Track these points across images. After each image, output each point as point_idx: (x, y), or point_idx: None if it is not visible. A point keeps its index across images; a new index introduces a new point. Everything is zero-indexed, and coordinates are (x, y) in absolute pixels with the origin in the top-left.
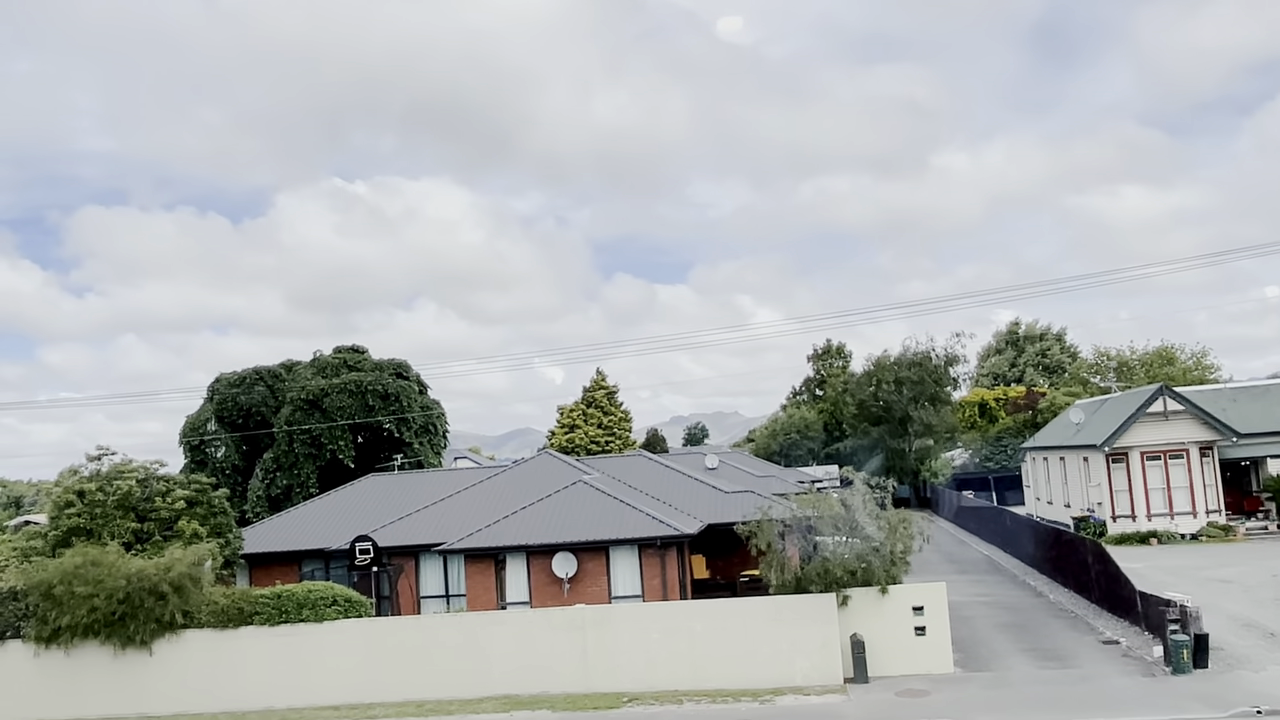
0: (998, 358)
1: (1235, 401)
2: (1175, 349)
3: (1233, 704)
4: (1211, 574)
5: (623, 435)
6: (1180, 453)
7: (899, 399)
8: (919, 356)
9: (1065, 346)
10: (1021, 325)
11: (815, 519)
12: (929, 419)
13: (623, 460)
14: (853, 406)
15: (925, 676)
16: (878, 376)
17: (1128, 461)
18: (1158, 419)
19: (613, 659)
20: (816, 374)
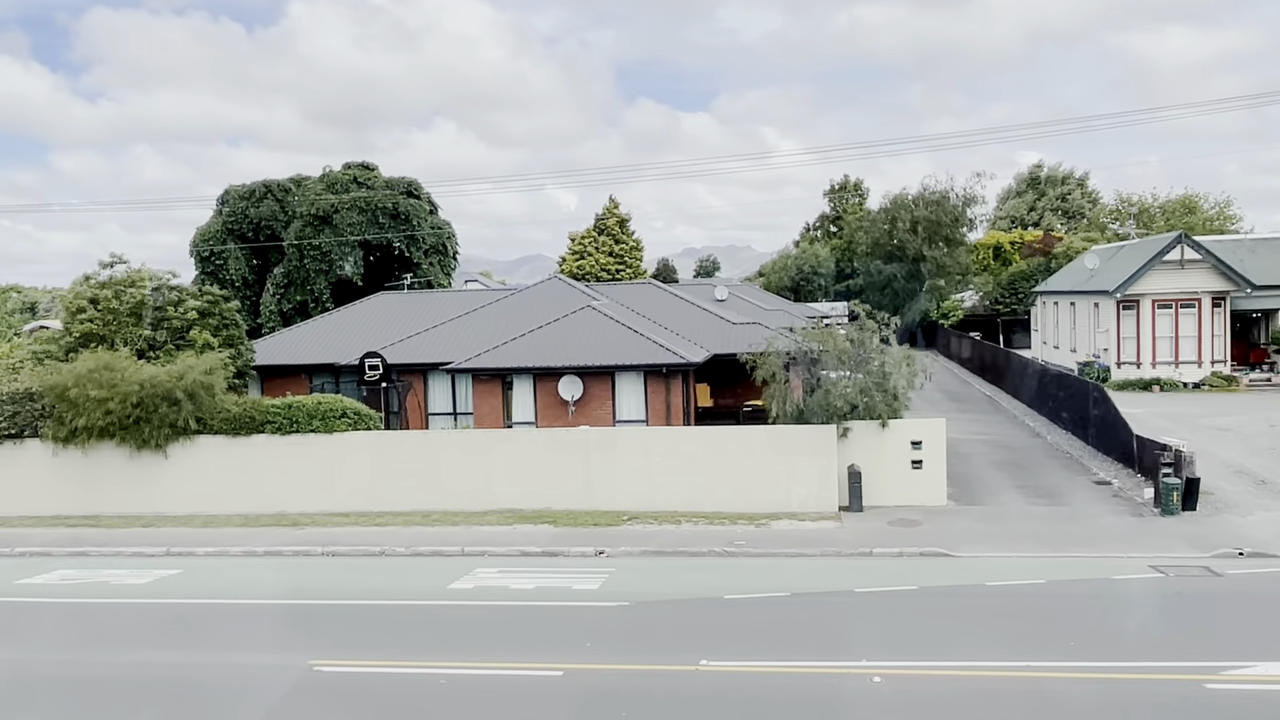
0: (1017, 200)
1: (1254, 253)
2: (1199, 198)
3: (1216, 545)
4: (1210, 422)
5: (634, 264)
6: (1192, 302)
7: (914, 238)
8: (937, 196)
9: (1087, 191)
10: (1044, 168)
11: (820, 353)
12: (942, 259)
13: (632, 288)
14: (866, 244)
15: (919, 508)
16: (894, 214)
17: (1138, 309)
18: (1173, 267)
19: (614, 480)
20: (833, 210)
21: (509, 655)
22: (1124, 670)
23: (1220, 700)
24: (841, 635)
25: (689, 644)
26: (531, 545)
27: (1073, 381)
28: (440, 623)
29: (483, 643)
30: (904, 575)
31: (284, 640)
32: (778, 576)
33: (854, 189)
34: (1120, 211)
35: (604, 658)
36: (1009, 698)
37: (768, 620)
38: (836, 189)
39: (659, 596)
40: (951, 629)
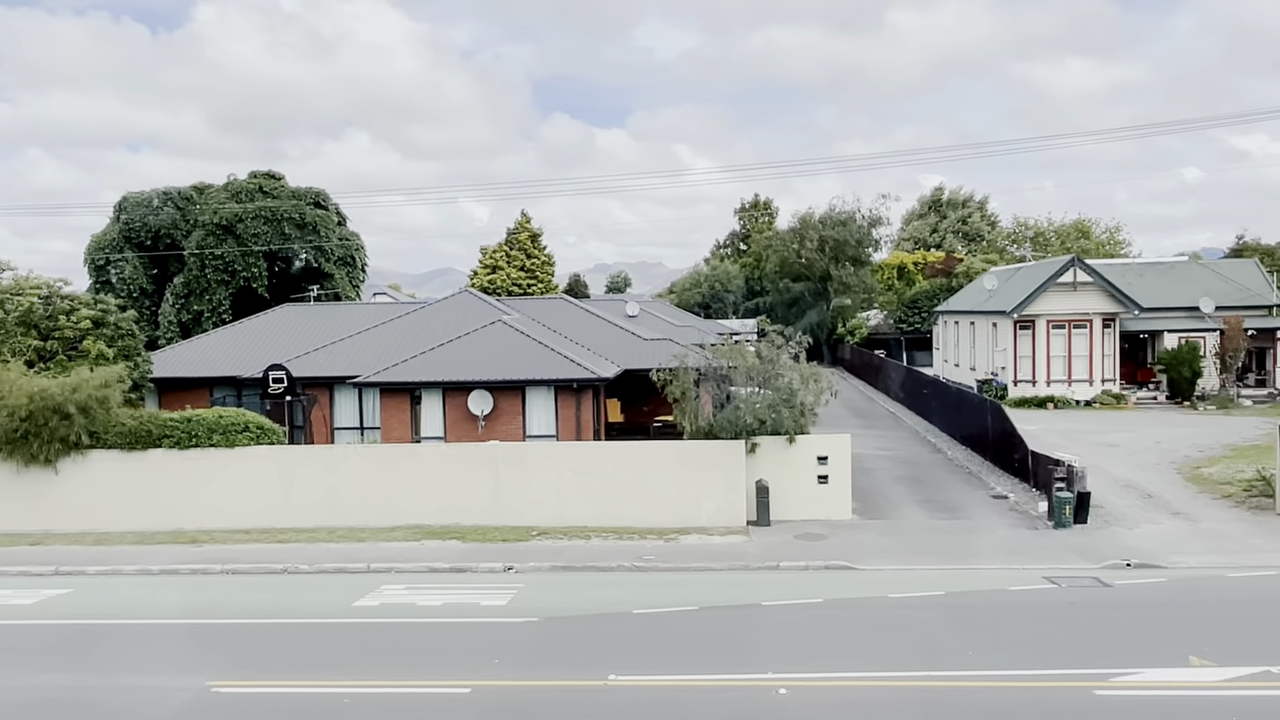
0: (920, 222)
1: (1141, 276)
2: (1092, 223)
3: (1106, 557)
4: (1100, 438)
5: (545, 279)
6: (1084, 323)
7: (821, 257)
8: (844, 216)
9: (986, 215)
10: (946, 191)
11: (730, 369)
12: (848, 278)
13: (544, 303)
14: (775, 262)
15: (825, 522)
16: (802, 234)
17: (1034, 328)
18: (1066, 289)
19: (524, 495)
20: (743, 228)
21: (415, 673)
22: (1019, 679)
23: (1108, 706)
24: (749, 648)
25: (598, 659)
26: (439, 561)
27: (972, 398)
28: (344, 641)
29: (388, 661)
30: (810, 588)
31: (180, 661)
32: (686, 591)
33: (764, 208)
34: (1018, 234)
35: (512, 674)
36: (909, 707)
37: (676, 634)
38: (747, 207)
39: (568, 612)
40: (855, 640)
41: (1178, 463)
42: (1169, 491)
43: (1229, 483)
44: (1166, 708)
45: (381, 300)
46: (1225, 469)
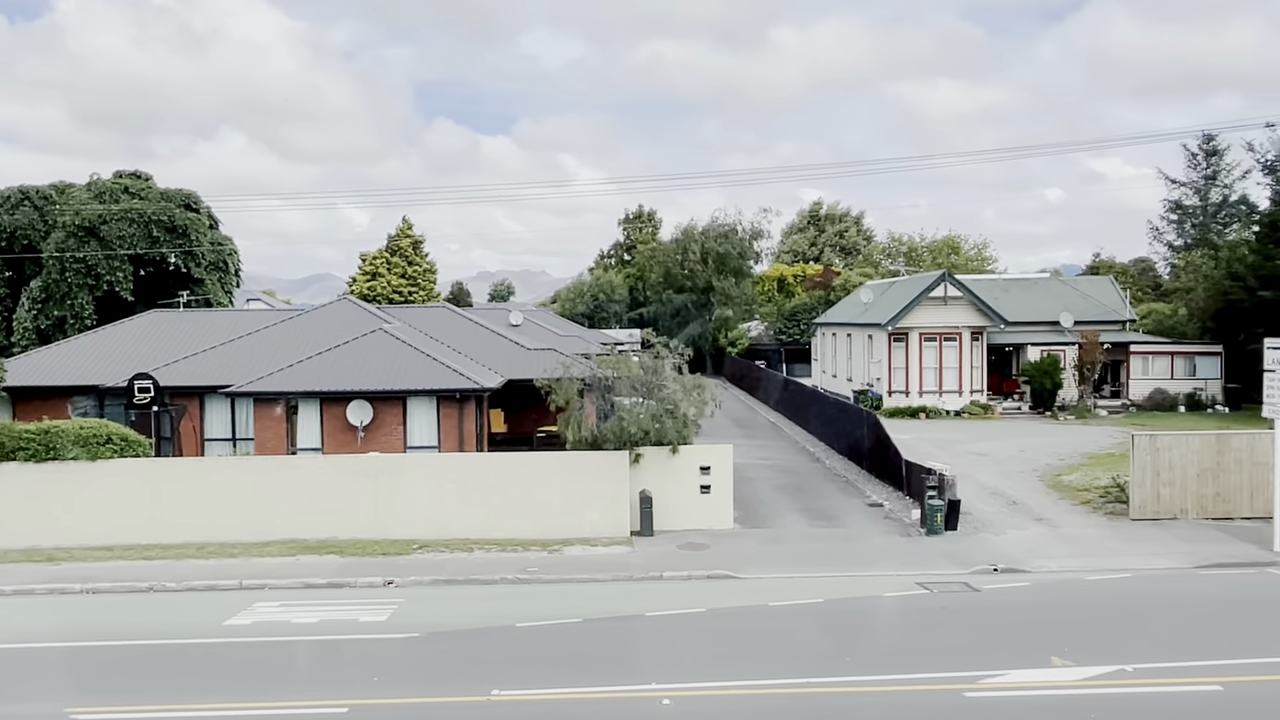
0: (799, 235)
1: (1007, 292)
2: (961, 239)
3: (975, 562)
4: (969, 447)
5: (427, 287)
6: (954, 335)
7: (703, 269)
8: (726, 229)
9: (862, 230)
10: (824, 206)
11: (615, 379)
12: (730, 290)
13: (425, 311)
14: (659, 273)
15: (707, 532)
16: (685, 245)
17: (907, 341)
18: (938, 303)
19: (405, 507)
20: (627, 239)
21: (290, 693)
22: (894, 683)
23: (976, 707)
24: (632, 659)
25: (480, 674)
26: (316, 577)
27: (849, 409)
28: (215, 662)
29: (262, 681)
30: (693, 598)
31: (35, 687)
32: (570, 602)
33: (648, 219)
34: (892, 249)
35: (392, 691)
36: (789, 714)
37: (560, 647)
38: (631, 218)
39: (450, 626)
40: (737, 649)
41: (1040, 471)
42: (1032, 498)
43: (1087, 489)
44: (1031, 707)
45: (256, 307)
46: (1084, 476)
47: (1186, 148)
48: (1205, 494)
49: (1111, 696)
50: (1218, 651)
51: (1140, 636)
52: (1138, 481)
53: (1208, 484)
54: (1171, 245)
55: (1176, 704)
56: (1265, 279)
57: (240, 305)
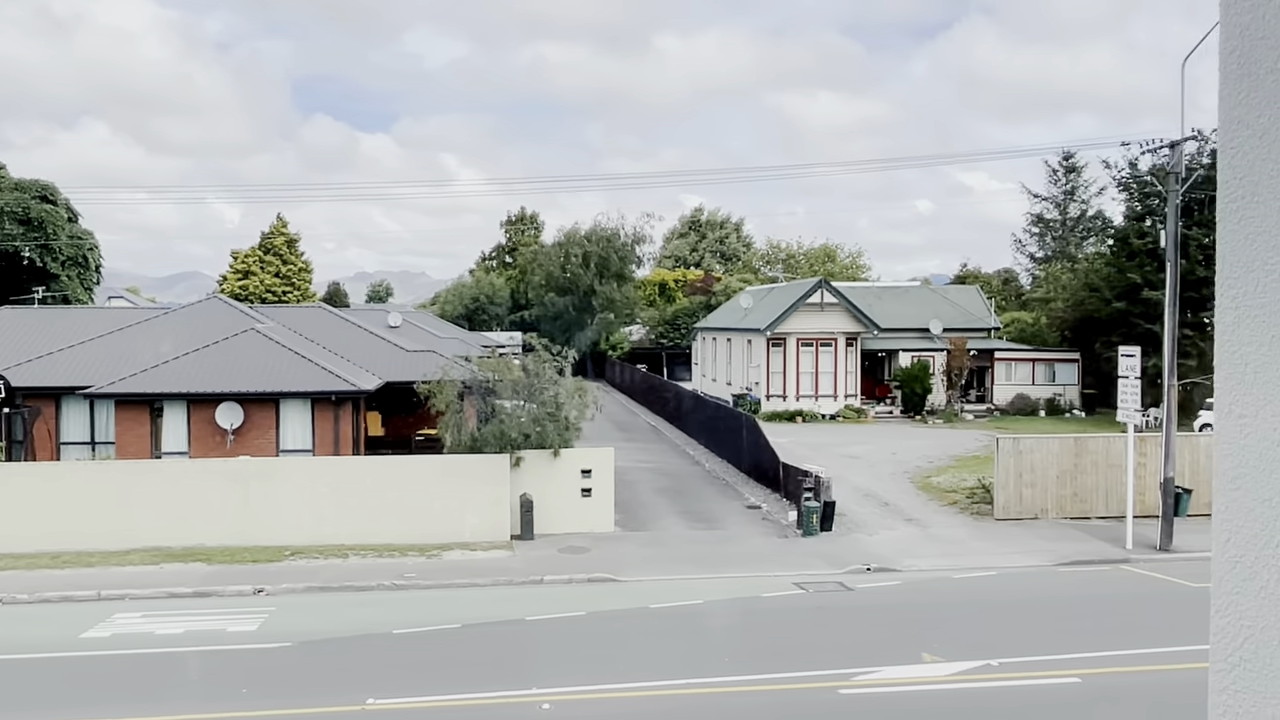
0: (680, 241)
1: (880, 299)
2: (837, 247)
3: (848, 562)
4: (843, 450)
5: (302, 287)
6: (830, 341)
7: (585, 273)
8: (609, 233)
9: (742, 236)
10: (705, 212)
11: (496, 382)
12: (612, 294)
13: (300, 311)
14: (541, 276)
15: (588, 535)
16: (568, 249)
17: (785, 346)
18: (815, 309)
19: (277, 513)
20: (509, 241)
21: (152, 708)
22: (769, 682)
23: (851, 704)
24: (512, 664)
25: (356, 683)
26: (181, 586)
27: (728, 412)
28: (70, 676)
29: (121, 696)
30: (574, 601)
31: None
32: (449, 608)
33: (530, 221)
34: (771, 256)
35: (262, 703)
36: (669, 715)
37: (439, 653)
38: (514, 220)
39: (324, 635)
40: (618, 652)
41: (911, 473)
42: (903, 500)
43: (955, 491)
44: (903, 703)
45: (118, 305)
46: (951, 478)
47: (1048, 164)
48: (1064, 495)
49: (979, 690)
50: (1076, 645)
51: (1005, 632)
52: (1002, 483)
53: (1066, 485)
54: (1033, 257)
55: (1039, 696)
56: (1119, 291)
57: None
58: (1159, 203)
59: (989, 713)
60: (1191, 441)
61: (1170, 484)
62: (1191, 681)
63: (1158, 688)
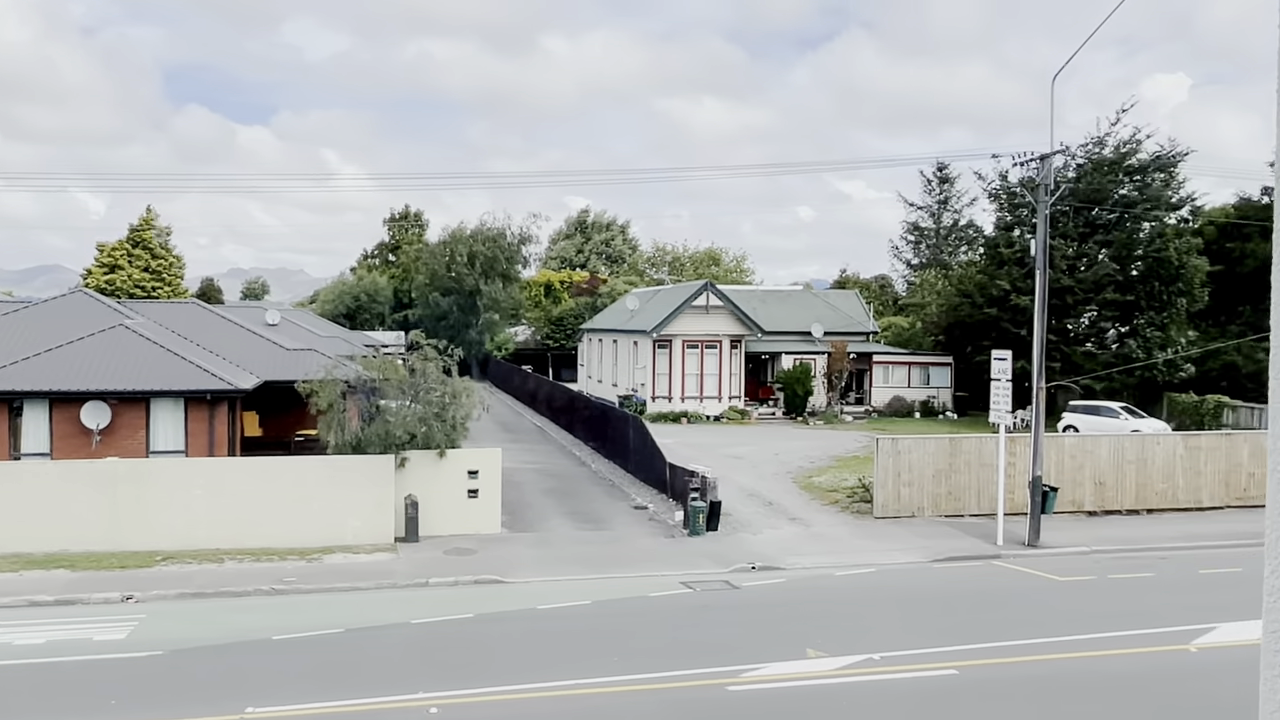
0: (566, 242)
1: (764, 303)
2: (721, 251)
3: (734, 561)
4: (728, 451)
5: (174, 282)
6: (715, 343)
7: (471, 272)
8: (494, 233)
9: (628, 239)
10: (591, 214)
11: (381, 382)
12: (497, 294)
13: (173, 308)
14: (425, 275)
15: (475, 536)
16: (452, 248)
17: (671, 348)
18: (700, 312)
19: (148, 516)
20: (392, 239)
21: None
22: (658, 680)
23: (739, 700)
24: (398, 668)
25: (233, 691)
26: (42, 594)
27: (614, 413)
28: None
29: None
30: (460, 604)
31: None
32: (331, 612)
33: (414, 219)
34: (657, 259)
35: (132, 714)
36: (557, 716)
37: (321, 659)
38: (397, 218)
39: (199, 642)
40: (506, 654)
41: (793, 473)
42: (787, 499)
43: (836, 490)
44: (789, 698)
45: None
46: (832, 478)
47: (923, 174)
48: (940, 493)
49: (862, 684)
50: (953, 638)
51: (885, 627)
52: (881, 482)
53: (942, 484)
54: (909, 263)
55: (919, 688)
56: (990, 297)
57: None
58: (1027, 213)
59: (873, 706)
60: (1058, 442)
61: (1038, 482)
62: (1063, 671)
63: (1032, 678)
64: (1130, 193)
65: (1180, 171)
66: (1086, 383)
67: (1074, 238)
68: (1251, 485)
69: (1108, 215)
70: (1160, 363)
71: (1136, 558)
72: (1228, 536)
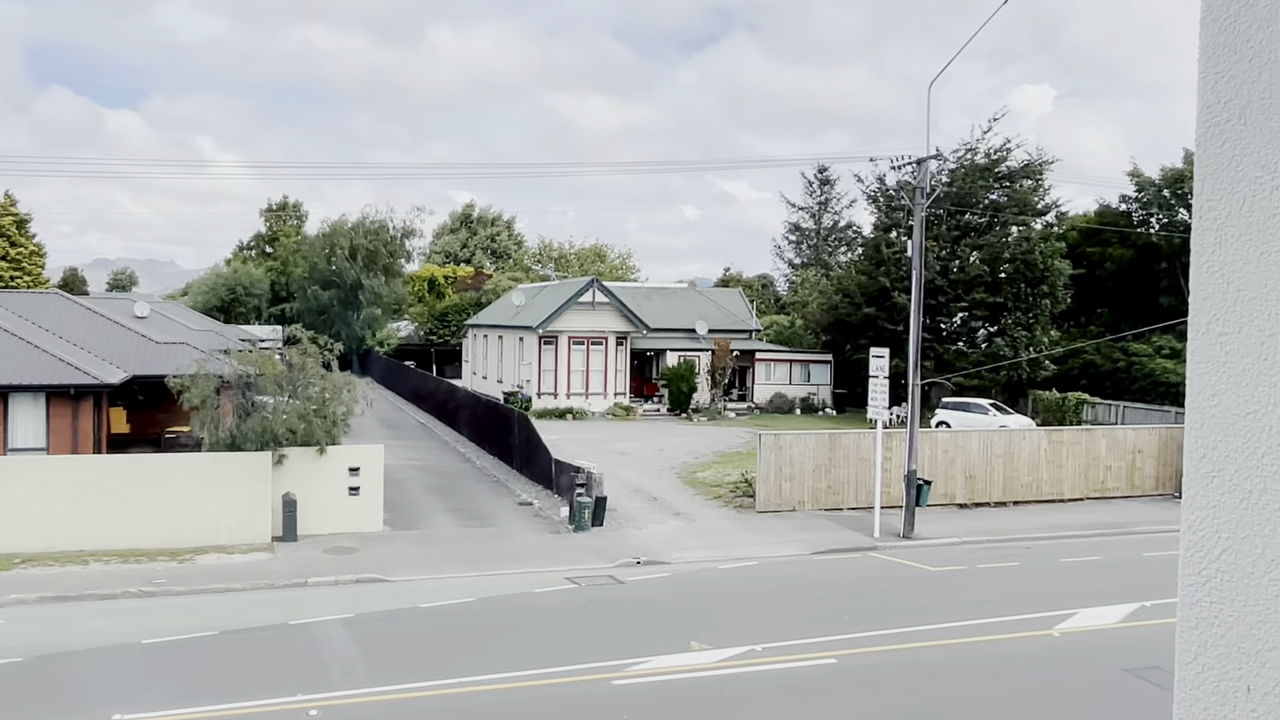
0: (451, 237)
1: (649, 300)
2: (607, 248)
3: (619, 556)
4: (614, 446)
5: (33, 272)
6: (601, 340)
7: (352, 265)
8: (377, 225)
9: (514, 234)
10: (476, 208)
11: (257, 377)
12: (380, 288)
13: (33, 298)
14: (305, 268)
15: (356, 534)
16: (333, 240)
17: (557, 344)
18: (586, 308)
19: (6, 517)
20: (270, 230)
21: None
22: (544, 676)
23: (624, 694)
24: (275, 671)
25: (100, 698)
26: None
27: (499, 410)
28: None
29: None
30: (340, 603)
31: None
32: (204, 615)
33: (293, 210)
34: (543, 255)
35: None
36: (438, 714)
37: (194, 662)
38: (275, 209)
39: (61, 648)
40: (387, 654)
41: (678, 468)
42: (671, 494)
43: (719, 485)
44: (674, 690)
45: None
46: (716, 473)
47: (805, 175)
48: (820, 487)
49: (745, 674)
50: (832, 628)
51: (768, 618)
52: (763, 477)
53: (822, 478)
54: (791, 263)
55: (800, 677)
56: (869, 296)
57: None
58: (904, 215)
59: (755, 695)
60: (931, 437)
61: (913, 476)
62: (936, 657)
63: (907, 665)
64: (1000, 198)
65: (1046, 179)
66: (958, 380)
67: (947, 240)
68: (1109, 478)
69: (979, 219)
70: (1025, 361)
71: (1004, 548)
72: (1087, 527)
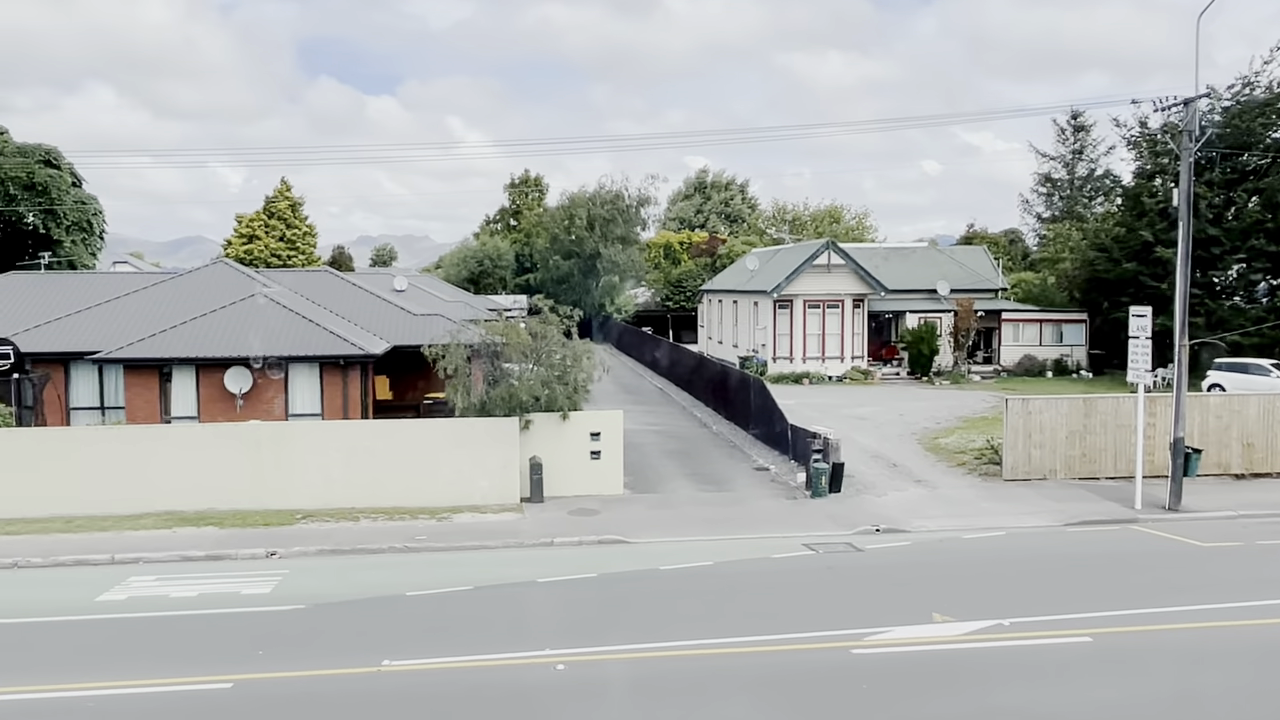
0: (685, 203)
1: (887, 260)
2: (843, 209)
3: (857, 524)
4: (851, 412)
5: (306, 250)
6: (837, 303)
7: (590, 235)
8: (613, 195)
9: (747, 198)
10: (710, 174)
11: (504, 345)
12: (617, 257)
13: (306, 275)
14: (546, 239)
15: (597, 497)
16: (572, 212)
17: (792, 308)
18: (821, 271)
19: (289, 477)
20: (513, 204)
21: (169, 669)
22: (782, 642)
23: (864, 664)
24: (525, 626)
25: (370, 645)
26: (194, 549)
27: (735, 375)
28: (87, 639)
29: (139, 658)
30: (584, 563)
31: None
32: (460, 570)
33: (535, 184)
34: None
35: (278, 665)
36: (688, 675)
37: (451, 615)
38: (518, 183)
39: (337, 597)
40: (630, 614)
41: (918, 434)
42: (912, 461)
43: (963, 452)
44: (915, 662)
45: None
46: (959, 439)
47: (1056, 123)
48: (1073, 455)
49: (990, 650)
50: (1087, 605)
51: (1015, 592)
52: (1010, 444)
53: (1075, 446)
54: (1040, 217)
55: (1050, 656)
56: (1128, 250)
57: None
58: (1169, 161)
59: (1002, 671)
60: (1201, 402)
61: (1180, 444)
62: (1205, 640)
63: (1170, 646)
64: None
65: None
66: (1234, 339)
67: (1220, 185)
68: None
69: (1259, 160)
70: None
71: None
72: None
